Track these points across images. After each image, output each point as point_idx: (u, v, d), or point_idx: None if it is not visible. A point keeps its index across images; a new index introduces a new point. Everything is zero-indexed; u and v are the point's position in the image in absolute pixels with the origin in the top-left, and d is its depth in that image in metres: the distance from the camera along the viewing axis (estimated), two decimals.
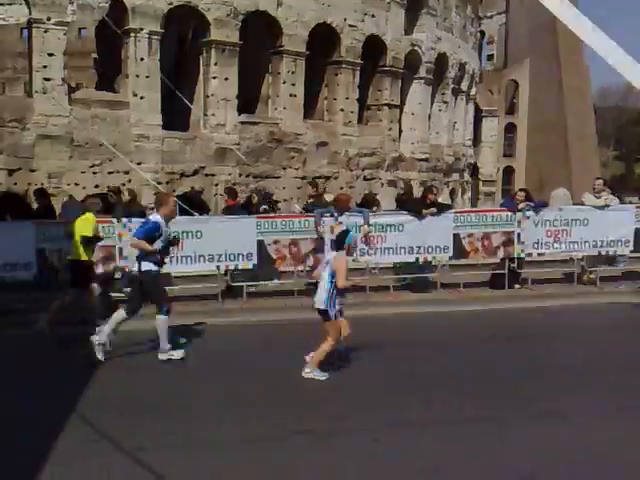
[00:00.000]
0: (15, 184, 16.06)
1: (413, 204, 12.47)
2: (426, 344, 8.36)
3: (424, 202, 12.17)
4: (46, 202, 12.65)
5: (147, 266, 7.61)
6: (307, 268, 11.91)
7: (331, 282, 6.85)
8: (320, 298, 6.89)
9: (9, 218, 12.04)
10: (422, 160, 24.26)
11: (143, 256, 7.61)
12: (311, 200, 13.59)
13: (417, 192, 20.60)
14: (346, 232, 7.20)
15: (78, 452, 5.10)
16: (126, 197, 12.53)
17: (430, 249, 11.72)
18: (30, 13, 16.56)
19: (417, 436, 5.45)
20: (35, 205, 13.40)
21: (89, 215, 9.32)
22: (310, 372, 6.89)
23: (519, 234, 12.10)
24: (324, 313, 6.90)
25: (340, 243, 7.05)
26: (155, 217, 7.84)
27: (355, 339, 8.48)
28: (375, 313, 10.51)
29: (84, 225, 9.16)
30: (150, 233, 7.59)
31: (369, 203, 14.51)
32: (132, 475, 4.77)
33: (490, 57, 48.54)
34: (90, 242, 9.17)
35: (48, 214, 12.11)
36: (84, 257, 9.08)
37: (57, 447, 5.16)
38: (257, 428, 5.65)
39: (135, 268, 7.75)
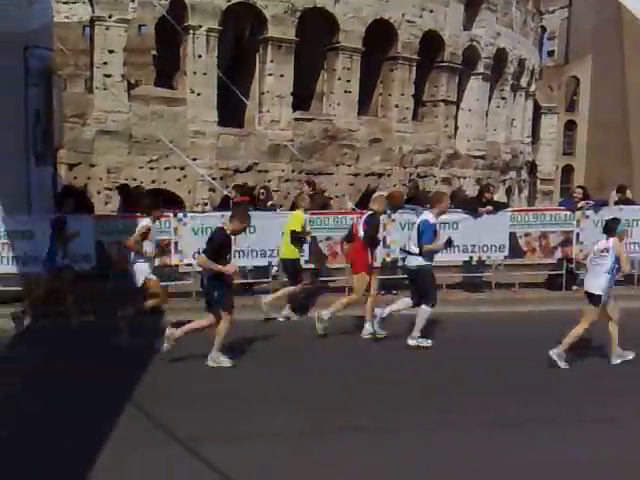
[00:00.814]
0: (75, 178, 16.50)
1: (467, 202, 12.28)
2: (478, 344, 8.17)
3: (480, 200, 11.95)
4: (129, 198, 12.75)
5: (419, 262, 8.05)
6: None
7: (613, 268, 7.13)
8: (597, 284, 7.14)
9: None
10: (478, 157, 23.81)
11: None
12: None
13: (472, 191, 20.32)
14: (617, 220, 7.51)
15: (133, 441, 5.19)
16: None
17: (485, 248, 11.47)
18: (93, 11, 16.97)
19: (466, 437, 5.32)
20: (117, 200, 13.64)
21: (298, 212, 9.74)
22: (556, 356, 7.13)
23: (578, 234, 11.73)
24: (597, 298, 7.14)
25: (612, 230, 7.30)
26: (427, 216, 8.20)
27: (405, 338, 8.38)
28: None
29: (294, 221, 9.52)
30: (433, 233, 8.05)
31: (423, 201, 14.32)
32: (184, 465, 4.82)
33: (551, 53, 47.31)
34: (299, 238, 9.52)
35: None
36: (295, 255, 9.56)
37: (114, 436, 5.26)
38: (307, 423, 5.64)
39: (412, 263, 8.21)
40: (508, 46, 25.31)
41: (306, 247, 10.95)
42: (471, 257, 11.74)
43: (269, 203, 13.12)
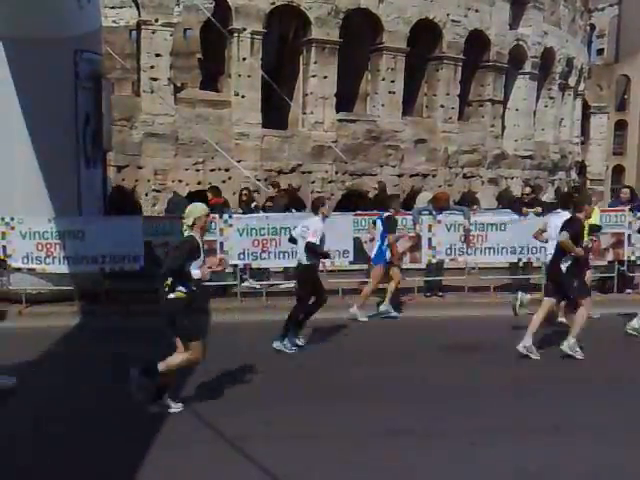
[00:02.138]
0: (123, 180, 16.80)
1: (513, 203, 12.09)
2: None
3: (524, 201, 11.80)
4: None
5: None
6: (404, 266, 11.77)
7: None
8: None
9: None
10: (526, 157, 23.38)
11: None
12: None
13: (516, 191, 19.94)
14: None
15: (182, 439, 5.22)
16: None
17: (534, 249, 11.24)
18: (139, 15, 17.25)
19: (516, 441, 5.22)
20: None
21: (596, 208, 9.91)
22: None
23: (629, 235, 11.40)
24: None
25: None
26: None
27: (453, 340, 8.28)
28: (474, 314, 10.21)
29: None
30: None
31: (468, 202, 14.15)
32: (231, 463, 4.83)
33: (600, 51, 46.27)
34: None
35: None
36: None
37: (162, 434, 5.31)
38: (355, 424, 5.60)
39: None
40: (556, 45, 24.80)
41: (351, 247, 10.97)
42: (519, 259, 11.54)
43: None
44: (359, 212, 11.82)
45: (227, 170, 17.34)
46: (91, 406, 5.99)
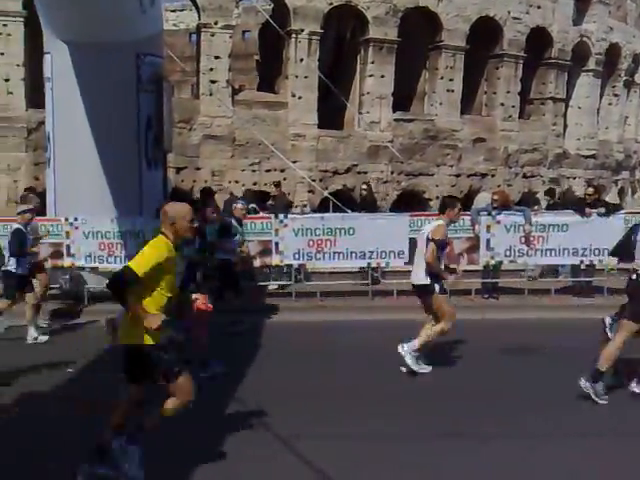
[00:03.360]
0: (182, 181, 17.12)
1: (575, 203, 11.72)
2: (583, 352, 7.76)
3: (586, 201, 11.43)
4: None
5: None
6: (460, 268, 11.58)
7: None
8: None
9: None
10: (589, 157, 22.71)
11: None
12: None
13: (580, 191, 19.38)
14: None
15: (237, 438, 5.27)
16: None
17: (597, 251, 10.89)
18: (199, 18, 17.55)
19: (573, 446, 5.08)
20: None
21: None
22: None
23: None
24: None
25: None
26: None
27: (512, 342, 8.09)
28: (534, 317, 9.97)
29: None
30: None
31: (529, 202, 13.83)
32: (284, 462, 4.85)
33: None
34: None
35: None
36: None
37: (220, 434, 5.35)
38: (409, 426, 5.55)
39: None
40: (621, 41, 23.99)
41: (406, 248, 10.87)
42: (581, 261, 11.20)
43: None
44: (415, 212, 11.70)
45: (282, 171, 17.47)
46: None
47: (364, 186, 14.41)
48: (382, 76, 18.41)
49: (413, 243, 10.96)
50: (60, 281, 10.87)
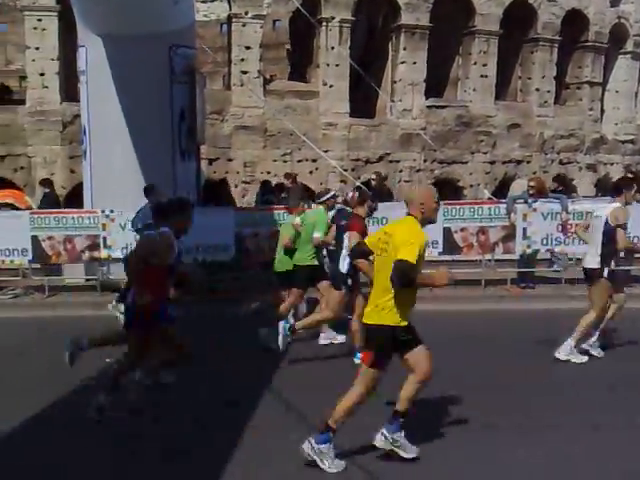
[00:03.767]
0: (214, 172, 17.20)
1: None
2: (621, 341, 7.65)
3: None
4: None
5: None
6: (495, 257, 11.45)
7: None
8: None
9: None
10: (627, 142, 22.16)
11: None
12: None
13: (617, 177, 18.92)
14: None
15: (270, 427, 5.31)
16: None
17: (636, 239, 10.63)
18: (230, 8, 17.54)
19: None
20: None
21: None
22: None
23: None
24: None
25: None
26: None
27: (548, 333, 7.96)
28: (570, 307, 9.77)
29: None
30: None
31: (566, 189, 13.57)
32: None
33: None
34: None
35: None
36: None
37: (254, 423, 5.42)
38: (452, 414, 5.56)
39: None
40: None
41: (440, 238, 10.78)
42: None
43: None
44: (449, 201, 11.57)
45: (314, 161, 17.43)
46: (190, 389, 6.18)
47: (373, 176, 14.21)
48: (414, 63, 18.20)
49: (447, 232, 10.93)
50: (98, 272, 11.02)
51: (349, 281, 6.89)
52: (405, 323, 4.52)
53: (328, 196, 8.10)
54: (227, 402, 5.88)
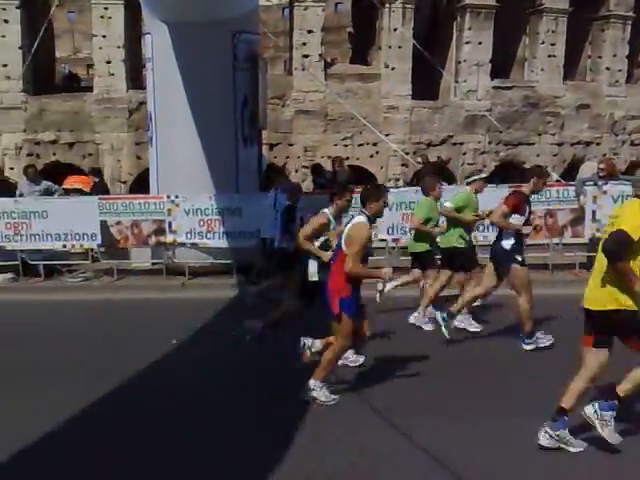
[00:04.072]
0: (275, 157, 17.26)
1: None
2: None
3: None
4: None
5: None
6: (564, 241, 11.12)
7: None
8: None
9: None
10: None
11: None
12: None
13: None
14: None
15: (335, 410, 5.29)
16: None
17: None
18: None
19: None
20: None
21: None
22: None
23: None
24: None
25: None
26: None
27: None
28: None
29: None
30: None
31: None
32: (382, 434, 4.90)
33: None
34: None
35: None
36: None
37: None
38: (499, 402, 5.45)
39: None
40: None
41: None
42: None
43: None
44: (515, 185, 11.26)
45: (375, 144, 17.29)
46: (248, 374, 6.25)
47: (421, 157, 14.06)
48: (480, 43, 17.75)
49: None
50: (163, 256, 11.25)
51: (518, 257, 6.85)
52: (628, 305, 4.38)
53: (476, 177, 8.04)
54: None
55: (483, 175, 8.31)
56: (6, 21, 16.27)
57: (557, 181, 12.89)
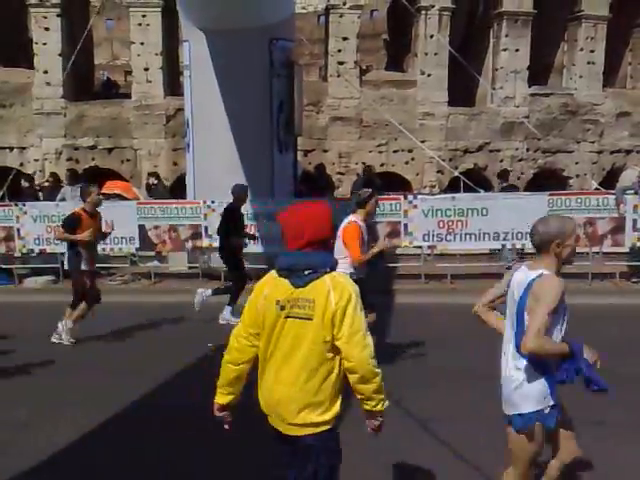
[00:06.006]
0: (310, 164, 17.31)
1: None
2: None
3: None
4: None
5: None
6: (604, 250, 10.94)
7: None
8: None
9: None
10: None
11: None
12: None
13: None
14: None
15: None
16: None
17: None
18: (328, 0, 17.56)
19: None
20: None
21: None
22: None
23: None
24: None
25: None
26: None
27: None
28: None
29: None
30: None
31: None
32: (420, 440, 4.93)
33: None
34: None
35: None
36: None
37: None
38: None
39: None
40: None
41: None
42: None
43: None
44: (554, 192, 11.14)
45: (410, 151, 17.22)
46: None
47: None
48: (517, 50, 17.58)
49: None
50: (200, 260, 11.37)
51: None
52: None
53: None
54: None
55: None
56: (47, 29, 16.67)
57: (596, 189, 12.66)
